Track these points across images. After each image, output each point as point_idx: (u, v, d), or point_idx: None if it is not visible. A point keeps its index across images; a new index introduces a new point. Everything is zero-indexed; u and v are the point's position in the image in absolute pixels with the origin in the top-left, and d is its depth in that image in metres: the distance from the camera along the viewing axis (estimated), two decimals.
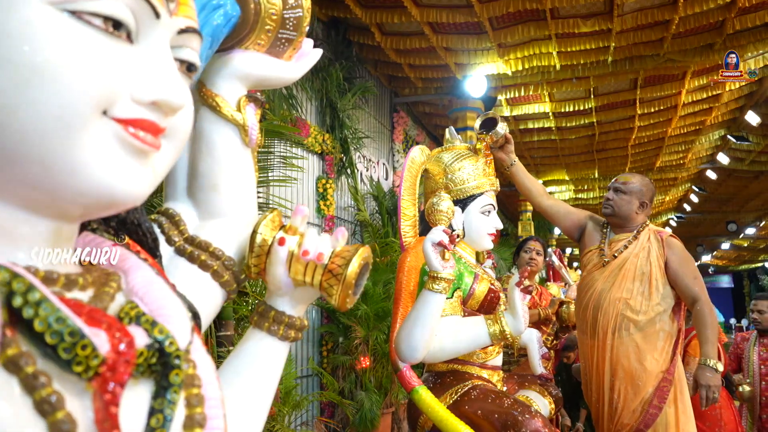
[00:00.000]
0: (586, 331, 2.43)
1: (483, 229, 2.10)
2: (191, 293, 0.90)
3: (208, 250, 0.93)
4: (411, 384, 1.88)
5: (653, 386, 2.27)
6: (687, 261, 2.36)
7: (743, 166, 10.68)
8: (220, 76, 0.96)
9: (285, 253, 0.92)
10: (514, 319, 1.87)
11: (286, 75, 1.00)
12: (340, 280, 0.90)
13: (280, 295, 0.97)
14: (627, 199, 2.45)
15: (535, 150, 9.78)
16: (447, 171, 2.11)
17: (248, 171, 1.00)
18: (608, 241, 2.48)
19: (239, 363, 0.99)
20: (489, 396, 1.85)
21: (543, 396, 2.17)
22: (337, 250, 0.93)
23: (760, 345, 3.56)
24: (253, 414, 0.98)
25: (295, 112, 5.01)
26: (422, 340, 1.80)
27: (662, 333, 2.32)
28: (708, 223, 17.06)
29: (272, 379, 0.99)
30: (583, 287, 2.49)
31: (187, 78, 0.67)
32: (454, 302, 1.95)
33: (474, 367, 2.02)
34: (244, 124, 0.96)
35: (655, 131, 9.01)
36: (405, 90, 7.55)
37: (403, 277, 2.02)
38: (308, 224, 3.00)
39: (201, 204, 0.98)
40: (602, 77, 7.06)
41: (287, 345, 1.00)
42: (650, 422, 2.25)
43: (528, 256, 3.45)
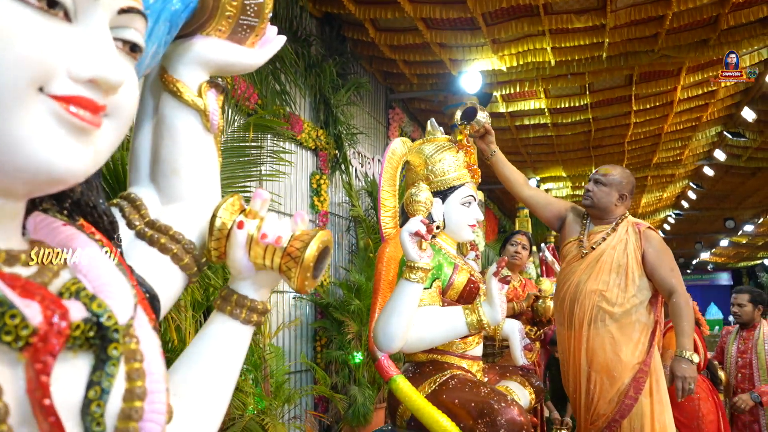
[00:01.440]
0: (564, 322, 2.45)
1: (463, 220, 2.11)
2: (151, 276, 0.91)
3: (168, 233, 0.93)
4: (389, 373, 1.90)
5: (629, 377, 2.29)
6: (664, 253, 2.36)
7: (740, 163, 10.68)
8: (181, 62, 0.97)
9: (244, 236, 0.92)
10: (491, 308, 1.88)
11: (248, 61, 1.01)
12: (298, 263, 0.91)
13: (243, 278, 0.98)
14: (606, 191, 2.45)
15: (531, 146, 9.78)
16: (428, 162, 2.12)
17: (210, 156, 1.01)
18: (587, 233, 2.49)
19: (201, 346, 1.00)
20: (466, 385, 1.87)
21: (524, 387, 2.19)
22: (296, 234, 0.94)
23: (739, 338, 3.60)
24: (215, 396, 0.99)
25: (288, 108, 5.01)
26: (399, 330, 1.81)
27: (638, 324, 2.33)
28: (706, 220, 17.06)
29: (234, 362, 1.00)
30: (561, 279, 2.50)
31: (131, 58, 0.68)
32: (432, 292, 1.96)
33: (453, 357, 2.03)
34: (205, 110, 0.97)
35: (651, 128, 9.01)
36: (400, 86, 7.55)
37: (382, 267, 2.03)
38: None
39: (163, 189, 0.99)
40: (597, 73, 7.06)
41: (250, 329, 1.01)
42: (626, 412, 2.26)
43: (513, 249, 3.46)
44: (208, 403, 0.98)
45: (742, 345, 3.54)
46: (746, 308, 3.54)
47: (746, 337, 3.55)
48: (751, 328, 3.56)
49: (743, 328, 3.60)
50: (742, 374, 3.48)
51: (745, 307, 3.55)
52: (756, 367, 3.43)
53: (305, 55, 5.36)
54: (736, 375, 3.52)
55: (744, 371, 3.48)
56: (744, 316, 3.55)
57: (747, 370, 3.47)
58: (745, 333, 3.57)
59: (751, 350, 3.48)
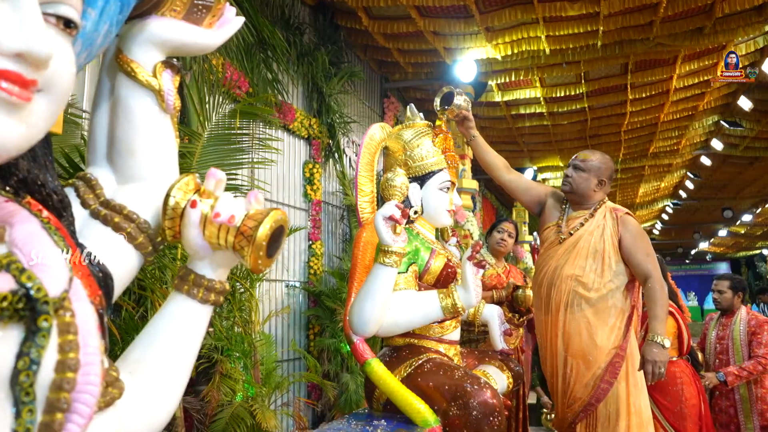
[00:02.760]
0: (541, 307, 2.46)
1: (441, 205, 2.11)
2: (105, 255, 0.92)
3: (122, 213, 0.94)
4: (363, 357, 1.91)
5: (605, 362, 2.30)
6: (640, 238, 2.36)
7: (737, 152, 10.65)
8: (136, 42, 0.97)
9: (197, 215, 0.93)
10: (465, 292, 1.90)
11: (204, 41, 1.01)
12: (251, 242, 0.92)
13: (200, 258, 0.99)
14: (585, 176, 2.45)
15: (527, 136, 9.76)
16: (406, 148, 2.12)
17: (167, 136, 1.01)
18: (566, 218, 2.49)
19: (159, 325, 1.00)
20: (441, 369, 1.88)
21: (502, 371, 2.21)
22: (250, 213, 0.94)
23: (719, 324, 3.63)
24: (172, 375, 1.00)
25: (279, 97, 5.00)
26: (374, 314, 1.82)
27: (614, 309, 2.33)
28: (704, 210, 17.05)
29: (192, 341, 1.01)
30: (539, 264, 2.51)
31: (66, 34, 0.68)
32: (408, 277, 1.97)
33: (430, 341, 2.05)
34: (160, 90, 0.98)
35: (647, 116, 8.98)
36: (395, 75, 7.53)
37: (359, 252, 2.04)
38: (294, 209, 3.02)
39: (119, 169, 0.99)
40: (592, 62, 7.03)
41: (208, 308, 1.02)
42: (601, 396, 2.28)
43: (499, 237, 3.47)
44: (166, 382, 0.99)
45: (720, 331, 3.58)
46: (726, 295, 3.57)
47: (725, 324, 3.58)
48: (731, 314, 3.58)
49: (723, 315, 3.63)
50: (720, 359, 3.52)
51: (725, 293, 3.58)
52: (732, 352, 3.47)
53: (297, 43, 5.34)
54: (714, 360, 3.56)
55: (722, 356, 3.52)
56: (724, 303, 3.58)
57: (724, 355, 3.51)
58: (725, 319, 3.60)
59: (728, 336, 3.52)
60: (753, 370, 3.31)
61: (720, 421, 3.48)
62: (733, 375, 3.30)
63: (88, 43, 0.89)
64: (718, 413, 3.51)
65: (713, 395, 3.55)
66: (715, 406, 3.53)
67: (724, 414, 3.47)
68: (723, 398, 3.48)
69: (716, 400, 3.52)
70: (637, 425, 2.26)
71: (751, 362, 3.32)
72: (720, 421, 3.48)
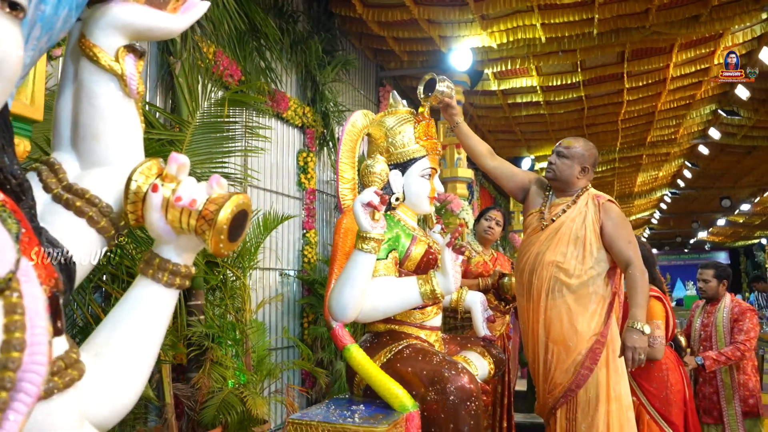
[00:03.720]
0: (523, 293, 2.47)
1: (422, 192, 2.12)
2: (67, 239, 0.93)
3: (85, 197, 0.95)
4: (343, 342, 1.93)
5: (586, 348, 2.31)
6: (622, 225, 2.37)
7: (735, 141, 10.63)
8: (98, 26, 0.97)
9: (159, 199, 0.94)
10: (444, 278, 1.91)
11: (167, 26, 1.01)
12: (211, 225, 0.92)
13: (165, 242, 1.00)
14: (568, 163, 2.45)
15: (524, 125, 9.75)
16: (388, 135, 2.13)
17: (131, 121, 1.02)
18: (549, 205, 2.50)
19: (124, 308, 1.02)
20: (420, 354, 1.90)
21: (483, 357, 2.22)
22: (212, 197, 0.95)
23: (704, 312, 3.65)
24: (137, 358, 1.01)
25: (273, 85, 4.99)
26: (352, 299, 1.84)
27: (595, 296, 2.34)
28: (702, 200, 17.04)
29: (157, 324, 1.02)
30: (522, 250, 2.52)
31: (12, 17, 0.68)
32: (388, 263, 1.98)
33: (411, 327, 2.06)
34: (123, 74, 0.98)
35: (644, 105, 8.96)
36: (391, 63, 7.50)
37: (339, 238, 2.05)
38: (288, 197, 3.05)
39: (83, 153, 1.00)
40: (588, 50, 7.00)
41: (173, 292, 1.03)
42: (581, 382, 2.29)
43: (487, 224, 3.48)
44: (131, 365, 1.00)
45: (705, 318, 3.61)
46: (711, 284, 3.59)
47: (710, 311, 3.61)
48: (716, 302, 3.60)
49: (708, 303, 3.65)
50: (704, 346, 3.55)
51: (710, 282, 3.59)
52: (715, 339, 3.49)
53: (290, 31, 5.32)
54: (698, 347, 3.60)
55: (705, 343, 3.55)
56: (709, 292, 3.60)
57: (708, 342, 3.54)
58: (710, 307, 3.63)
59: (712, 323, 3.54)
60: (731, 356, 3.34)
61: (703, 407, 3.52)
62: (711, 359, 3.33)
63: (48, 27, 0.89)
64: (701, 399, 3.54)
65: (697, 382, 3.59)
66: (699, 393, 3.57)
67: (707, 400, 3.51)
68: (707, 385, 3.51)
69: (700, 387, 3.56)
70: (616, 411, 2.27)
71: (730, 348, 3.35)
72: (703, 407, 3.52)
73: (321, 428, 1.75)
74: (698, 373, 3.51)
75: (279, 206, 5.20)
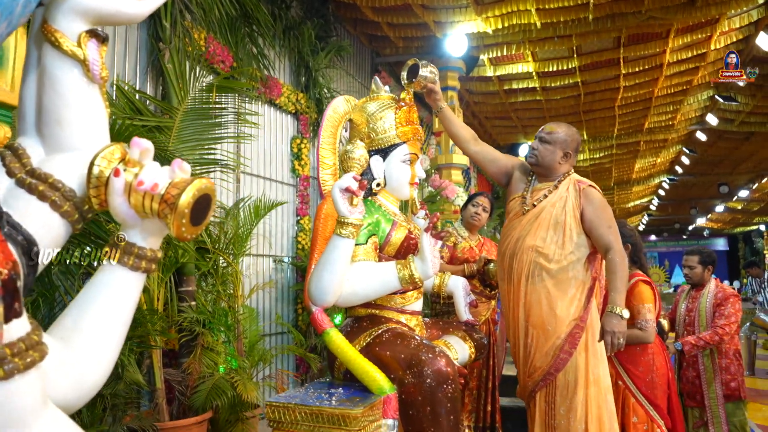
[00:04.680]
0: (504, 277, 2.48)
1: (403, 178, 2.13)
2: (30, 223, 0.94)
3: (48, 181, 0.96)
4: (322, 326, 1.94)
5: (565, 332, 2.32)
6: (602, 211, 2.37)
7: (733, 127, 10.60)
8: (60, 12, 0.97)
9: (121, 183, 0.95)
10: (422, 263, 1.92)
11: (130, 11, 1.01)
12: (173, 209, 0.93)
13: (130, 227, 1.01)
14: (551, 149, 2.45)
15: (521, 111, 9.72)
16: (369, 120, 2.13)
17: (94, 106, 1.02)
18: (531, 190, 2.50)
19: (91, 292, 1.03)
20: (398, 338, 1.92)
21: (464, 341, 2.24)
22: (174, 181, 0.96)
23: (689, 297, 3.67)
24: (104, 341, 1.02)
25: (266, 71, 4.98)
26: (331, 284, 1.85)
27: (575, 281, 2.35)
28: (701, 186, 17.02)
29: (124, 307, 1.04)
30: (504, 235, 2.52)
31: None
32: (368, 248, 2.00)
33: (392, 311, 2.08)
34: (85, 60, 0.98)
35: (641, 91, 8.93)
36: (386, 50, 7.46)
37: (319, 224, 2.06)
38: (282, 184, 3.06)
39: (47, 138, 1.01)
40: (584, 36, 6.97)
41: (139, 276, 1.04)
42: (560, 366, 2.31)
43: (474, 210, 3.49)
44: (97, 347, 1.02)
45: (690, 304, 3.62)
46: (696, 270, 3.60)
47: (695, 296, 3.63)
48: (701, 287, 3.62)
49: (693, 288, 3.67)
50: (687, 331, 3.57)
51: (695, 268, 3.61)
52: (697, 323, 3.51)
53: (283, 17, 5.29)
54: (682, 332, 3.62)
55: (689, 328, 3.57)
56: (694, 278, 3.62)
57: (691, 327, 3.56)
58: (694, 292, 3.65)
59: (695, 308, 3.56)
60: (709, 340, 3.36)
61: (686, 391, 3.55)
62: (690, 344, 3.36)
63: (8, 12, 0.90)
64: (685, 383, 3.57)
65: (681, 366, 3.61)
66: (682, 377, 3.60)
67: (690, 384, 3.54)
68: (690, 369, 3.54)
69: (684, 371, 3.59)
70: (595, 394, 2.29)
71: (709, 332, 3.38)
72: (686, 390, 3.55)
73: (298, 410, 1.77)
74: (681, 357, 3.54)
75: (272, 193, 5.21)
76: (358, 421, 1.71)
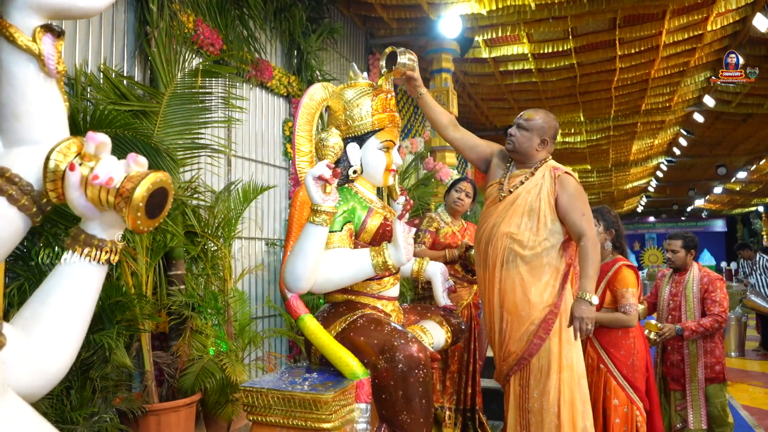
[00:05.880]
0: (480, 263, 2.50)
1: (379, 165, 2.14)
2: None
3: (4, 175, 0.97)
4: (297, 312, 1.97)
5: (539, 318, 2.35)
6: (577, 198, 2.38)
7: (730, 109, 10.56)
8: (15, 7, 0.98)
9: (76, 177, 0.96)
10: (396, 250, 1.94)
11: (85, 5, 1.02)
12: (128, 203, 0.95)
13: (89, 219, 1.03)
14: (528, 135, 2.45)
15: (516, 93, 9.68)
16: (347, 107, 2.14)
17: (51, 100, 1.03)
18: (508, 176, 2.51)
19: (53, 283, 1.05)
20: (372, 324, 1.95)
21: (441, 326, 2.27)
22: (130, 175, 0.98)
23: (671, 281, 3.67)
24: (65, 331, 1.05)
25: (256, 54, 4.96)
26: (305, 271, 1.88)
27: (549, 267, 2.37)
28: (699, 167, 16.99)
29: (84, 298, 1.06)
30: (481, 221, 2.54)
31: None
32: (343, 235, 2.02)
33: (368, 297, 2.11)
34: (41, 54, 0.99)
35: (637, 73, 8.88)
36: (380, 31, 7.42)
37: (295, 210, 2.08)
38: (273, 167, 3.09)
39: (5, 133, 1.02)
40: (580, 17, 6.92)
41: (100, 267, 1.06)
42: (534, 351, 2.34)
43: (456, 196, 3.50)
44: (58, 337, 1.04)
45: (674, 288, 3.63)
46: (679, 254, 3.61)
47: (678, 281, 3.63)
48: (684, 272, 3.63)
49: (676, 272, 3.67)
50: (672, 316, 3.58)
51: (678, 253, 3.61)
52: (684, 309, 3.52)
53: None
54: (667, 317, 3.62)
55: (674, 313, 3.57)
56: (677, 262, 3.62)
57: (677, 311, 3.56)
58: (678, 276, 3.65)
59: (681, 293, 3.57)
60: (710, 327, 3.38)
61: (671, 375, 3.56)
62: (690, 330, 3.37)
63: None
64: (669, 367, 3.58)
65: (665, 350, 3.63)
66: (666, 360, 3.60)
67: (675, 368, 3.54)
68: (674, 353, 3.54)
69: (668, 355, 3.59)
70: (568, 378, 2.33)
71: (709, 320, 3.39)
72: (671, 374, 3.56)
73: (271, 395, 1.81)
74: (666, 341, 3.56)
75: (264, 176, 5.22)
76: (329, 405, 1.74)
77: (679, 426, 3.55)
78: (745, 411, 5.07)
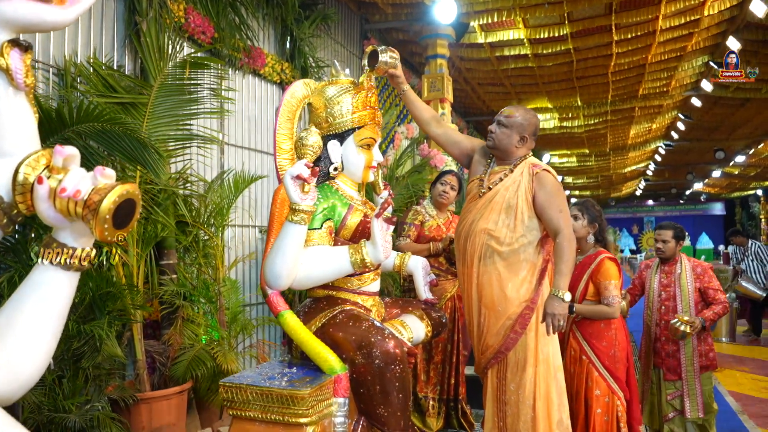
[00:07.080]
0: (460, 258, 2.54)
1: (360, 162, 2.16)
2: None
3: None
4: (277, 309, 2.01)
5: (516, 313, 2.39)
6: (554, 195, 2.40)
7: (728, 93, 10.53)
8: None
9: (45, 190, 0.99)
10: (374, 248, 1.98)
11: (53, 19, 1.04)
12: (95, 215, 0.98)
13: (60, 229, 1.06)
14: (507, 132, 2.47)
15: (513, 78, 9.65)
16: (328, 105, 2.15)
17: (21, 113, 1.06)
18: (489, 173, 2.54)
19: (26, 291, 1.08)
20: (351, 320, 1.99)
21: (421, 320, 2.31)
22: (97, 187, 1.00)
23: (660, 272, 3.69)
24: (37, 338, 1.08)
25: (248, 41, 4.94)
26: (284, 268, 1.91)
27: (526, 263, 2.41)
28: (697, 151, 16.98)
29: (57, 305, 1.09)
30: (461, 217, 2.58)
31: None
32: (322, 233, 2.05)
33: (348, 293, 2.15)
34: (8, 69, 1.01)
35: (634, 58, 8.84)
36: (375, 16, 7.38)
37: (276, 208, 2.11)
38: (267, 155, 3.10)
39: None
40: (575, 1, 6.88)
41: (72, 274, 1.09)
42: (511, 345, 2.39)
43: (441, 189, 3.52)
44: (31, 344, 1.07)
45: (664, 279, 3.64)
46: (670, 244, 3.62)
47: (668, 271, 3.64)
48: (672, 262, 3.65)
49: (664, 263, 3.69)
50: (666, 306, 3.59)
51: (668, 242, 3.62)
52: (679, 299, 3.54)
53: None
54: (659, 307, 3.63)
55: (668, 303, 3.58)
56: (667, 252, 3.63)
57: (671, 302, 3.57)
58: (667, 267, 3.66)
59: (674, 284, 3.58)
60: (722, 312, 3.46)
61: (667, 365, 3.57)
62: (710, 320, 3.42)
63: None
64: (665, 358, 3.57)
65: (658, 341, 3.64)
66: (661, 352, 3.61)
67: (671, 358, 3.55)
68: (669, 343, 3.56)
69: (663, 345, 3.59)
70: (544, 372, 2.38)
71: (720, 306, 3.44)
72: (667, 365, 3.57)
73: (249, 391, 1.86)
74: (659, 332, 3.58)
75: (258, 164, 5.24)
76: (306, 401, 1.79)
77: (671, 415, 3.58)
78: (730, 397, 5.14)
